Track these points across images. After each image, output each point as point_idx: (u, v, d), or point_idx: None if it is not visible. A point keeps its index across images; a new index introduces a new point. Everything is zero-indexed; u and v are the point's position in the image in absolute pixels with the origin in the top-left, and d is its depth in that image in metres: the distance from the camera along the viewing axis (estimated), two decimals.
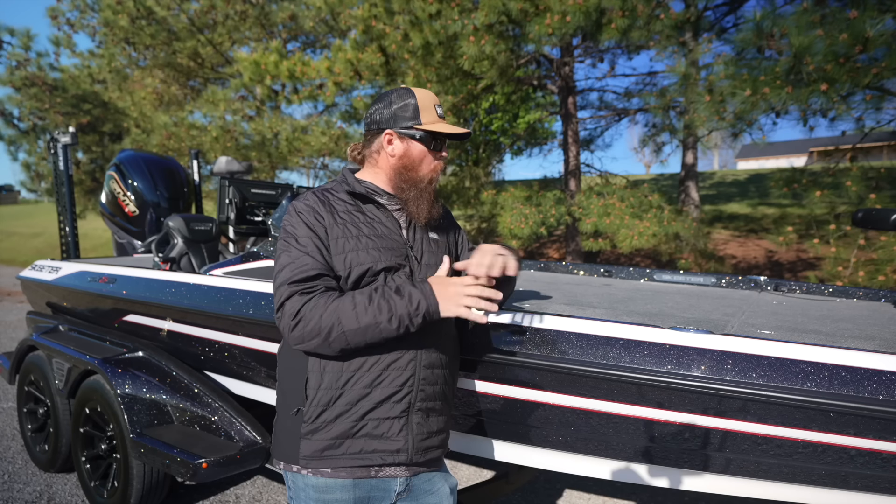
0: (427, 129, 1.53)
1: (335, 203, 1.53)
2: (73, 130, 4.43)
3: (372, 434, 1.45)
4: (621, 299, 2.54)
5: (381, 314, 1.36)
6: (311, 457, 1.45)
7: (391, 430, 1.46)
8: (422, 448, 1.50)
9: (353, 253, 1.46)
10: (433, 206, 1.56)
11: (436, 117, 1.55)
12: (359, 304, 1.37)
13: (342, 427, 1.44)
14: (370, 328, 1.36)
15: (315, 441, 1.45)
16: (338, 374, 1.44)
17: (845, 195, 5.16)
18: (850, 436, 1.43)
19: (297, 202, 1.53)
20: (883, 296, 2.80)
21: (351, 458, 1.44)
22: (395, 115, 1.54)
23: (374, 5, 7.82)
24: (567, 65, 9.08)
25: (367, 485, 1.47)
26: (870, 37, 3.72)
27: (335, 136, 10.15)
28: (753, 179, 18.57)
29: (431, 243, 1.61)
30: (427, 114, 1.54)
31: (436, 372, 1.53)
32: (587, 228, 7.22)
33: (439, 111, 1.57)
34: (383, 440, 1.45)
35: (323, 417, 1.44)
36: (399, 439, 1.46)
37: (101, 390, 2.92)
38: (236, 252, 4.19)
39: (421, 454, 1.51)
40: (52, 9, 14.08)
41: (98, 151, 13.36)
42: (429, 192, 1.55)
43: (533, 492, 3.40)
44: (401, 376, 1.46)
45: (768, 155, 35.76)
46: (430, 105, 1.55)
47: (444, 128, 1.54)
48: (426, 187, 1.55)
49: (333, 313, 1.36)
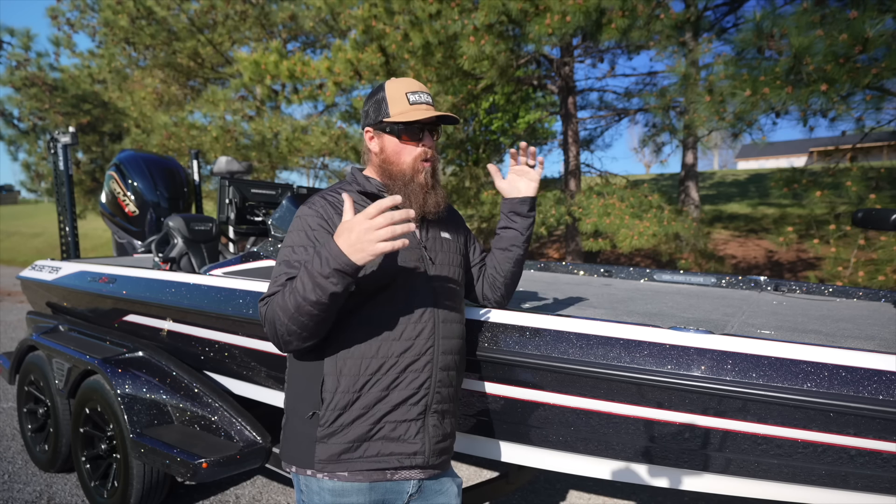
0: (395, 121, 1.49)
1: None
2: (73, 130, 4.42)
3: (389, 437, 1.44)
4: (621, 299, 2.54)
5: (302, 289, 1.28)
6: (327, 460, 1.43)
7: (408, 432, 1.45)
8: (437, 450, 1.50)
9: None
10: (428, 198, 1.51)
11: (406, 106, 1.49)
12: (287, 289, 1.33)
13: (360, 430, 1.43)
14: (300, 307, 1.29)
15: (332, 445, 1.43)
16: (355, 377, 1.43)
17: (845, 195, 5.16)
18: (850, 436, 1.43)
19: (303, 207, 1.51)
20: (883, 296, 2.80)
21: (368, 461, 1.43)
22: (368, 112, 1.55)
23: (374, 5, 7.82)
24: (567, 65, 9.08)
25: (382, 488, 1.46)
26: (869, 37, 3.72)
27: (335, 136, 10.15)
28: (753, 179, 18.57)
29: (444, 243, 1.59)
30: (396, 105, 1.50)
31: (450, 374, 1.53)
32: (587, 228, 7.22)
33: (413, 98, 1.50)
34: (400, 443, 1.45)
35: (340, 421, 1.43)
36: (416, 442, 1.46)
37: (101, 390, 2.92)
38: (236, 252, 4.19)
39: (436, 456, 1.51)
40: (52, 9, 14.09)
41: (98, 151, 13.36)
42: (419, 184, 1.50)
43: (533, 492, 3.40)
44: (418, 378, 1.45)
45: (768, 155, 35.77)
46: (400, 95, 1.50)
47: (412, 115, 1.47)
48: (412, 179, 1.50)
49: (276, 307, 1.34)
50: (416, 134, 1.51)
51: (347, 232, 1.23)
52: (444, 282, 1.55)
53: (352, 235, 1.22)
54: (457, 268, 1.61)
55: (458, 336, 1.57)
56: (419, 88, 1.52)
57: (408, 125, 1.50)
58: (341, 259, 1.23)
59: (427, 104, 1.51)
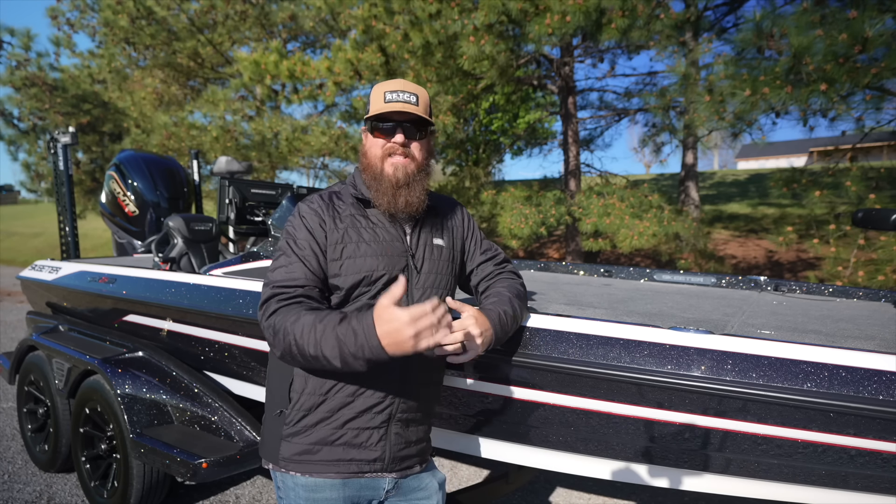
0: (368, 117, 1.52)
1: (339, 207, 1.52)
2: (73, 130, 4.42)
3: (351, 443, 1.45)
4: (621, 299, 2.54)
5: (326, 348, 1.25)
6: (289, 459, 1.46)
7: (370, 439, 1.46)
8: (398, 457, 1.51)
9: (350, 260, 1.45)
10: (398, 195, 1.48)
11: (381, 104, 1.49)
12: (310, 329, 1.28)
13: (322, 433, 1.44)
14: (318, 359, 1.27)
15: (294, 444, 1.46)
16: (322, 380, 1.44)
17: (845, 195, 5.16)
18: (850, 436, 1.43)
19: (301, 204, 1.53)
20: (883, 296, 2.80)
21: (327, 465, 1.45)
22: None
23: (374, 5, 7.82)
24: (567, 65, 9.08)
25: (356, 483, 1.47)
26: (869, 37, 3.72)
27: (335, 136, 10.14)
28: (753, 179, 18.57)
29: (434, 250, 1.58)
30: (375, 103, 1.51)
31: (420, 383, 1.53)
32: (587, 228, 7.22)
33: (389, 97, 1.49)
34: (361, 449, 1.46)
35: (304, 422, 1.45)
36: (377, 449, 1.47)
37: (101, 390, 2.92)
38: (236, 252, 4.19)
39: (397, 462, 1.51)
40: (52, 9, 14.08)
41: (98, 151, 13.36)
42: (388, 180, 1.48)
43: (533, 492, 3.40)
44: (385, 387, 1.46)
45: (768, 155, 35.76)
46: (380, 94, 1.51)
47: (377, 108, 1.49)
48: (381, 173, 1.49)
49: (291, 330, 1.30)
50: (388, 131, 1.50)
51: (386, 322, 1.18)
52: (426, 290, 1.54)
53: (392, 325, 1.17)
54: (445, 276, 1.59)
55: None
56: (401, 88, 1.51)
57: (377, 120, 1.50)
58: (376, 348, 1.20)
59: (404, 102, 1.49)
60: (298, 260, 1.44)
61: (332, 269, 1.45)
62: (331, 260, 1.46)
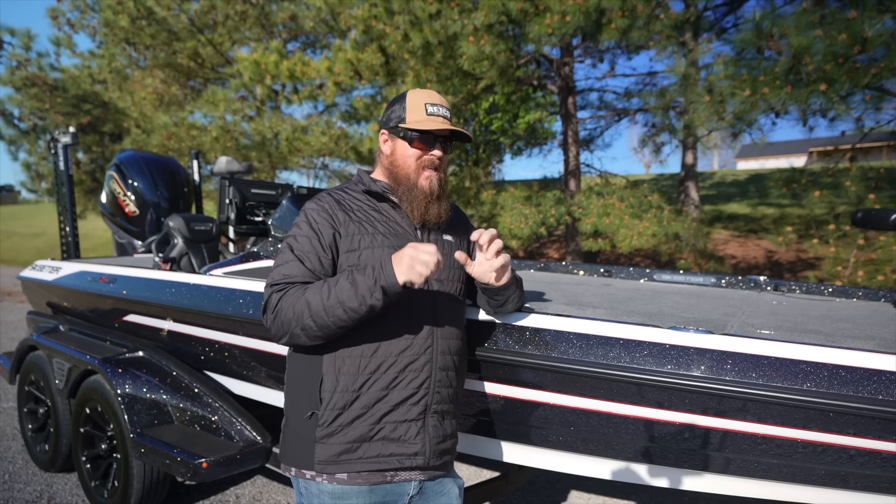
0: (409, 127, 1.53)
1: (351, 202, 1.54)
2: (74, 130, 4.43)
3: (389, 437, 1.44)
4: (621, 299, 2.54)
5: (342, 292, 1.34)
6: (327, 461, 1.43)
7: (408, 433, 1.45)
8: (437, 451, 1.50)
9: (368, 250, 1.47)
10: (430, 207, 1.53)
11: (423, 116, 1.53)
12: (324, 287, 1.37)
13: (359, 430, 1.43)
14: (335, 307, 1.34)
15: (331, 445, 1.43)
16: (354, 376, 1.43)
17: (845, 195, 5.16)
18: (849, 436, 1.43)
19: (309, 203, 1.55)
20: (883, 296, 2.80)
21: (368, 462, 1.43)
22: (389, 116, 1.58)
23: (374, 5, 7.82)
24: (567, 65, 9.08)
25: (381, 490, 1.46)
26: (869, 37, 3.73)
27: (335, 136, 10.14)
28: (753, 179, 18.57)
29: (445, 245, 1.61)
30: (414, 112, 1.54)
31: (450, 374, 1.53)
32: (587, 228, 7.22)
33: (431, 109, 1.54)
34: (401, 443, 1.45)
35: (339, 421, 1.43)
36: (416, 442, 1.46)
37: (101, 390, 2.92)
38: (236, 252, 4.19)
39: (437, 457, 1.51)
40: (52, 9, 14.09)
41: (98, 151, 13.37)
42: (422, 191, 1.52)
43: (533, 492, 3.40)
44: (417, 378, 1.46)
45: (768, 155, 35.76)
46: (420, 104, 1.54)
47: (427, 125, 1.52)
48: (415, 185, 1.53)
49: (302, 299, 1.37)
50: (428, 143, 1.54)
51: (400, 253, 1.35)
52: (444, 282, 1.56)
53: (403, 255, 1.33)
54: (457, 270, 1.61)
55: (457, 336, 1.57)
56: (440, 102, 1.57)
57: (422, 133, 1.53)
58: (390, 275, 1.33)
59: (444, 118, 1.55)
60: (296, 259, 1.45)
61: (349, 259, 1.46)
62: (348, 251, 1.47)
